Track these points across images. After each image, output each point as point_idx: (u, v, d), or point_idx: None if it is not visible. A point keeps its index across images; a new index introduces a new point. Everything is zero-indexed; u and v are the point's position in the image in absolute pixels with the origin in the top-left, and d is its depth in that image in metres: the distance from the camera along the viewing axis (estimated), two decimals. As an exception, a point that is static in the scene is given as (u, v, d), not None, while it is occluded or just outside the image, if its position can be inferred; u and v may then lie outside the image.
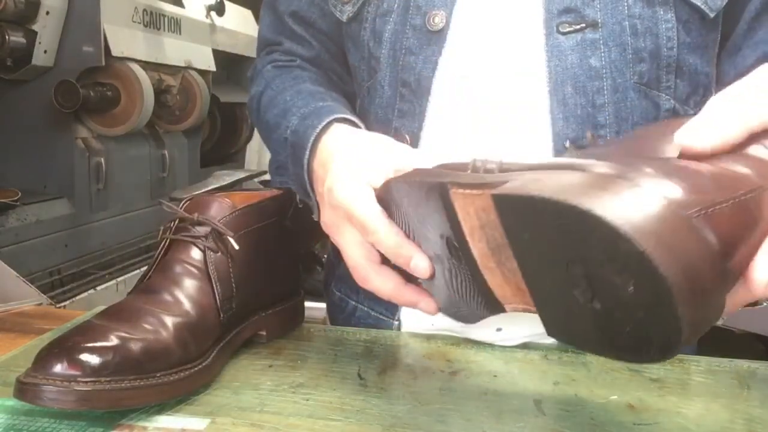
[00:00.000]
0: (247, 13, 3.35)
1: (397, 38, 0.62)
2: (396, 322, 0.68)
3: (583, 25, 0.57)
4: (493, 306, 0.45)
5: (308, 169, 0.59)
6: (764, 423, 0.48)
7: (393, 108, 0.64)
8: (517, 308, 0.43)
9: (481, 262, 0.42)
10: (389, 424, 0.46)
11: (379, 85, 0.65)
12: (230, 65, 3.19)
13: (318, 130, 0.59)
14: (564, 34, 0.57)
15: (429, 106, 0.62)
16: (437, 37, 0.60)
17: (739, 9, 0.61)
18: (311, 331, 0.65)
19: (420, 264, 0.46)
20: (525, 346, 0.62)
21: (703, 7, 0.58)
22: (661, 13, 0.58)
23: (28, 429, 0.44)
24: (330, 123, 0.59)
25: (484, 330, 0.62)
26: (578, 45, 0.57)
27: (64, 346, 0.45)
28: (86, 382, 0.43)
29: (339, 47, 0.72)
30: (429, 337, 0.63)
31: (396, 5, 0.63)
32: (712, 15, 0.59)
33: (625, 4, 0.57)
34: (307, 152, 0.59)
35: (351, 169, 0.51)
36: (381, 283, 0.50)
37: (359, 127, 0.61)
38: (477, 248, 0.42)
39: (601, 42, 0.57)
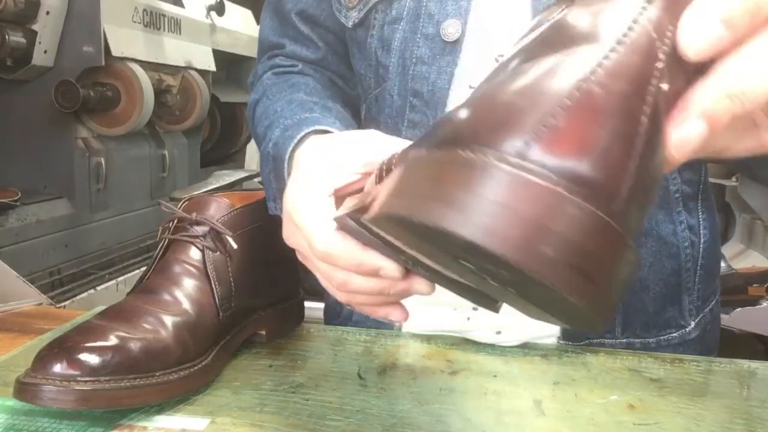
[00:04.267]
0: (247, 13, 3.35)
1: (407, 47, 0.61)
2: (398, 324, 0.68)
3: None
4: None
5: None
6: (764, 423, 0.48)
7: (403, 118, 0.62)
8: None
9: (439, 268, 0.37)
10: (389, 424, 0.46)
11: (388, 94, 0.63)
12: (230, 65, 3.20)
13: (295, 142, 0.56)
14: None
15: None
16: (452, 47, 0.59)
17: None
18: (311, 331, 0.65)
19: (389, 267, 0.41)
20: (525, 346, 0.62)
21: None
22: None
23: (28, 429, 0.44)
24: (307, 135, 0.55)
25: (484, 333, 0.63)
26: None
27: (64, 346, 0.45)
28: (86, 381, 0.43)
29: (346, 48, 0.70)
30: (429, 337, 0.63)
31: (405, 12, 0.60)
32: None
33: None
34: (286, 165, 0.56)
35: (306, 177, 0.47)
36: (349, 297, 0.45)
37: None
38: (428, 260, 0.36)
39: None
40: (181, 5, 2.66)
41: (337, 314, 0.73)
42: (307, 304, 0.67)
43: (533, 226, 0.23)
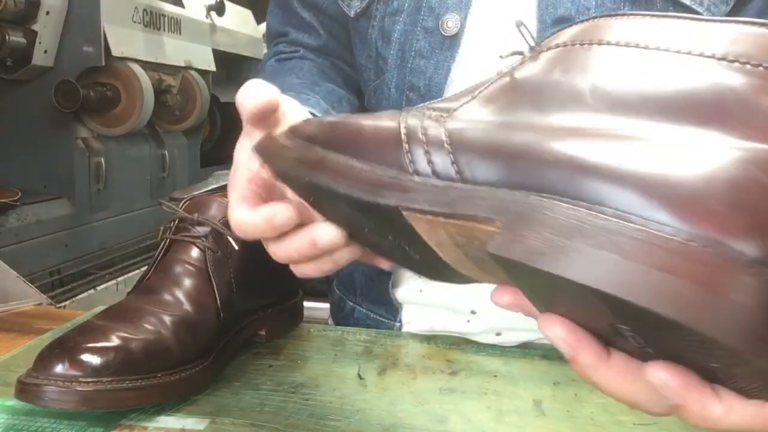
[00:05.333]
0: (247, 13, 3.35)
1: (407, 39, 0.61)
2: (398, 324, 0.68)
3: None
4: (467, 281, 0.37)
5: None
6: (764, 423, 0.48)
7: None
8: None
9: (455, 264, 0.35)
10: (389, 424, 0.46)
11: (386, 86, 0.63)
12: (230, 65, 3.19)
13: None
14: None
15: None
16: (451, 42, 0.59)
17: (739, 7, 0.60)
18: (311, 331, 0.65)
19: (282, 214, 0.38)
20: (525, 346, 0.62)
21: (705, 14, 0.56)
22: None
23: (28, 429, 0.44)
24: None
25: (484, 335, 0.63)
26: None
27: (65, 347, 0.45)
28: (87, 382, 0.43)
29: (349, 36, 0.70)
30: (429, 337, 0.63)
31: (406, 5, 0.60)
32: None
33: (623, 11, 0.56)
34: None
35: (238, 151, 0.45)
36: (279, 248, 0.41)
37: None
38: (449, 257, 0.34)
39: None
40: (181, 5, 2.66)
41: (341, 309, 0.73)
42: (307, 304, 0.68)
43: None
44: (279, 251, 0.41)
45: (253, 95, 0.41)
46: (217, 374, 0.53)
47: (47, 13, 1.98)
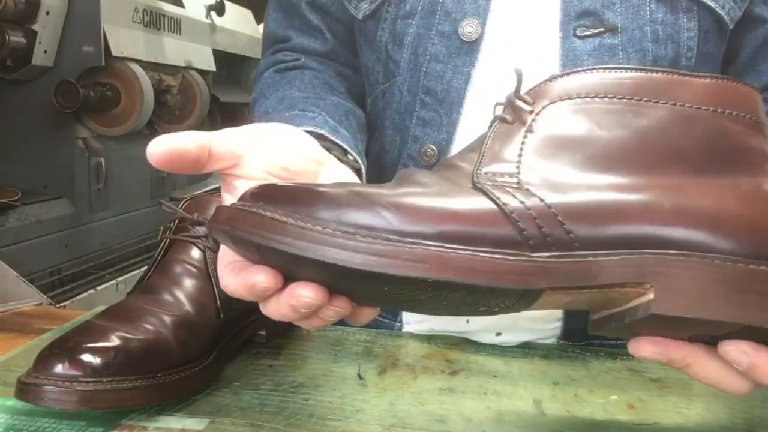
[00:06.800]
0: (247, 13, 3.35)
1: (420, 43, 0.60)
2: (398, 324, 0.68)
3: (602, 29, 0.55)
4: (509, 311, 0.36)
5: None
6: (764, 423, 0.48)
7: (412, 115, 0.61)
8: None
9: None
10: (389, 424, 0.46)
11: (397, 90, 0.62)
12: (230, 65, 3.20)
13: None
14: (581, 38, 0.55)
15: (461, 119, 0.59)
16: (470, 47, 0.58)
17: (742, 33, 0.61)
18: (311, 331, 0.65)
19: (304, 297, 0.36)
20: (525, 346, 0.62)
21: (725, 17, 0.57)
22: (685, 20, 0.56)
23: (28, 429, 0.44)
24: None
25: (484, 335, 0.62)
26: (595, 50, 0.55)
27: (66, 347, 0.45)
28: (88, 382, 0.43)
29: (354, 39, 0.69)
30: (429, 337, 0.63)
31: (420, 8, 0.59)
32: (731, 26, 0.58)
33: (648, 9, 0.55)
34: None
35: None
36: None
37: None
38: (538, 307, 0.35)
39: (620, 48, 0.55)
40: (181, 5, 2.66)
41: None
42: (307, 304, 0.67)
43: None
44: (267, 311, 0.39)
45: (154, 147, 0.38)
46: (217, 374, 0.53)
47: (47, 13, 1.99)
